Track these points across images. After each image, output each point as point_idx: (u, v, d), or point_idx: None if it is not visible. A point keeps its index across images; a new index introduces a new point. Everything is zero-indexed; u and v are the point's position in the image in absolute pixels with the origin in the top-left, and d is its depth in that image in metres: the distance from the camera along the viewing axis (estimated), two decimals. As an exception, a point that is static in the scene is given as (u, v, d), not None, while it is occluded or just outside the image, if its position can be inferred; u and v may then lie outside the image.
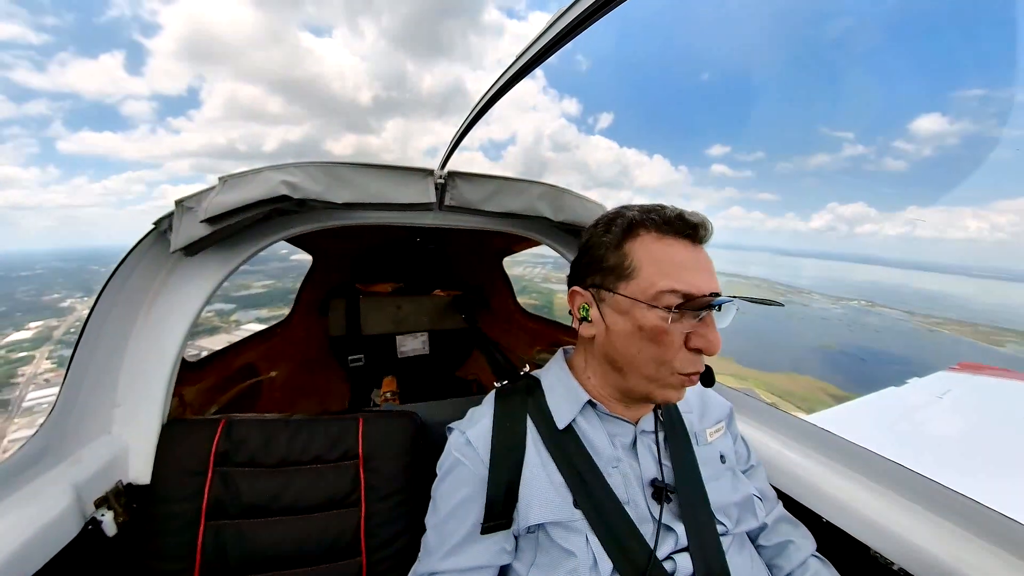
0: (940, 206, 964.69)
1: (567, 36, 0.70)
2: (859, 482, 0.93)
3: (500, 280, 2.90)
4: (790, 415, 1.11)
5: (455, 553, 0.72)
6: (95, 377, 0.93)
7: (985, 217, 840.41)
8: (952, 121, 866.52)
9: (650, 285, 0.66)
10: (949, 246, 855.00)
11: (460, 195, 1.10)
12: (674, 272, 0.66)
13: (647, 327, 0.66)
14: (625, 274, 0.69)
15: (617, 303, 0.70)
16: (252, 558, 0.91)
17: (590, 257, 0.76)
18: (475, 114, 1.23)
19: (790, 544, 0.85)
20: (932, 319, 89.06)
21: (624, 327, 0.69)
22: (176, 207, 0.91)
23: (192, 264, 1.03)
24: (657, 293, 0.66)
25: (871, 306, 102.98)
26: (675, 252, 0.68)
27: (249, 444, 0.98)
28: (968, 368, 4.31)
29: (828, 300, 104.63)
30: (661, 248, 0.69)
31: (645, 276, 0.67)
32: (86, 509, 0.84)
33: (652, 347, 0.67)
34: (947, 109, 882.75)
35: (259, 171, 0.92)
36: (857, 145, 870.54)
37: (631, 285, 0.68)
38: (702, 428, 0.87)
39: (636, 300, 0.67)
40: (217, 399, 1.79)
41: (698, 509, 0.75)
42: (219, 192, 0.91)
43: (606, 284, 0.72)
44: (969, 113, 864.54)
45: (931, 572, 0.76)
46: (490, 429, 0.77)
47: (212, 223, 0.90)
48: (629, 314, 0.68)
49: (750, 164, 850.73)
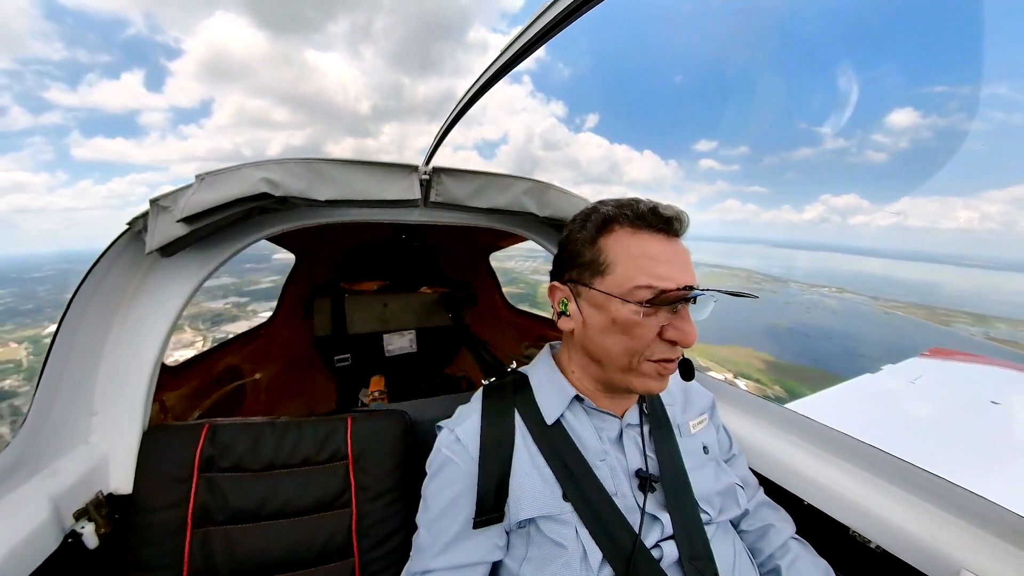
0: (922, 196, 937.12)
1: (543, 37, 0.71)
2: (838, 466, 0.96)
3: (487, 276, 2.89)
4: (771, 403, 1.15)
5: (448, 550, 0.72)
6: (70, 385, 0.89)
7: (976, 207, 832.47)
8: (924, 115, 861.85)
9: (625, 280, 0.68)
10: (943, 236, 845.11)
11: (445, 191, 1.08)
12: (647, 266, 0.67)
13: (620, 320, 0.68)
14: (600, 270, 0.70)
15: (593, 298, 0.72)
16: (242, 564, 0.89)
17: (568, 253, 0.77)
18: (459, 111, 1.22)
19: (771, 528, 0.88)
20: (893, 303, 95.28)
21: (599, 321, 0.71)
22: (151, 206, 0.88)
23: (169, 265, 1.00)
24: (631, 288, 0.67)
25: (840, 292, 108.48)
26: (649, 246, 0.69)
27: (235, 448, 0.96)
28: (939, 354, 4.51)
29: (800, 287, 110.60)
30: (635, 243, 0.69)
31: (620, 271, 0.68)
32: (65, 522, 0.81)
33: (625, 339, 0.69)
34: (919, 104, 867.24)
35: (238, 168, 0.90)
36: (838, 139, 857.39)
37: (606, 280, 0.70)
38: (685, 420, 0.89)
39: (611, 295, 0.68)
40: (200, 404, 1.75)
41: (682, 499, 0.77)
42: (196, 190, 0.87)
43: (583, 279, 0.73)
44: (936, 108, 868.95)
45: (907, 549, 0.79)
46: (479, 426, 0.77)
47: (189, 222, 0.87)
48: (604, 308, 0.70)
49: (736, 158, 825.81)
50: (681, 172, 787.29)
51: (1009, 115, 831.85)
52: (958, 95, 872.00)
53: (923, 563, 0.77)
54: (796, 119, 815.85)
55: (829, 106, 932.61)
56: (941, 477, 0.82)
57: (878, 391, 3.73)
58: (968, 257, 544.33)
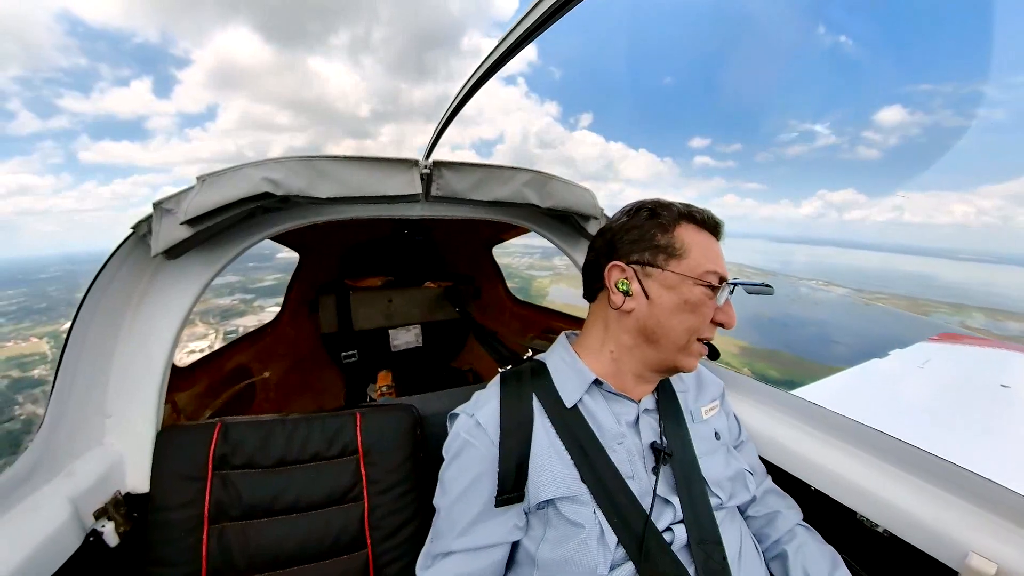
0: (918, 191, 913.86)
1: (538, 29, 0.73)
2: (845, 451, 0.97)
3: (490, 269, 2.89)
4: (780, 390, 1.15)
5: (468, 532, 0.73)
6: (83, 388, 0.91)
7: (972, 202, 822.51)
8: (912, 112, 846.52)
9: (697, 265, 0.77)
10: (941, 231, 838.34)
11: (446, 185, 1.08)
12: (713, 257, 0.78)
13: (692, 300, 0.76)
14: (677, 253, 0.78)
15: (666, 279, 0.77)
16: (259, 558, 0.91)
17: (634, 236, 0.81)
18: (458, 102, 1.21)
19: (778, 515, 0.90)
20: (876, 295, 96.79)
21: (669, 300, 0.77)
22: (154, 209, 0.88)
23: (175, 267, 1.01)
24: (703, 272, 0.76)
25: (826, 285, 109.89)
26: (710, 243, 0.81)
27: (247, 446, 0.98)
28: (947, 338, 4.47)
29: (789, 280, 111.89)
30: (702, 238, 0.80)
31: (694, 257, 0.77)
32: (85, 521, 0.84)
33: (691, 318, 0.77)
34: (907, 102, 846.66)
35: (239, 168, 0.89)
36: (830, 136, 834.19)
37: (681, 264, 0.77)
38: (697, 406, 0.91)
39: (685, 276, 0.76)
40: (210, 403, 1.77)
41: (693, 483, 0.79)
42: (199, 192, 0.88)
43: (655, 261, 0.78)
44: (922, 106, 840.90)
45: (915, 532, 0.80)
46: (498, 410, 0.79)
47: (193, 224, 0.88)
48: (676, 289, 0.77)
49: (731, 155, 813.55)
50: (677, 168, 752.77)
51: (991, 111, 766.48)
52: (940, 93, 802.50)
53: (931, 546, 0.78)
54: (787, 116, 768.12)
55: (819, 103, 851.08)
56: (948, 460, 0.82)
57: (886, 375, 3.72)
58: (963, 251, 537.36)
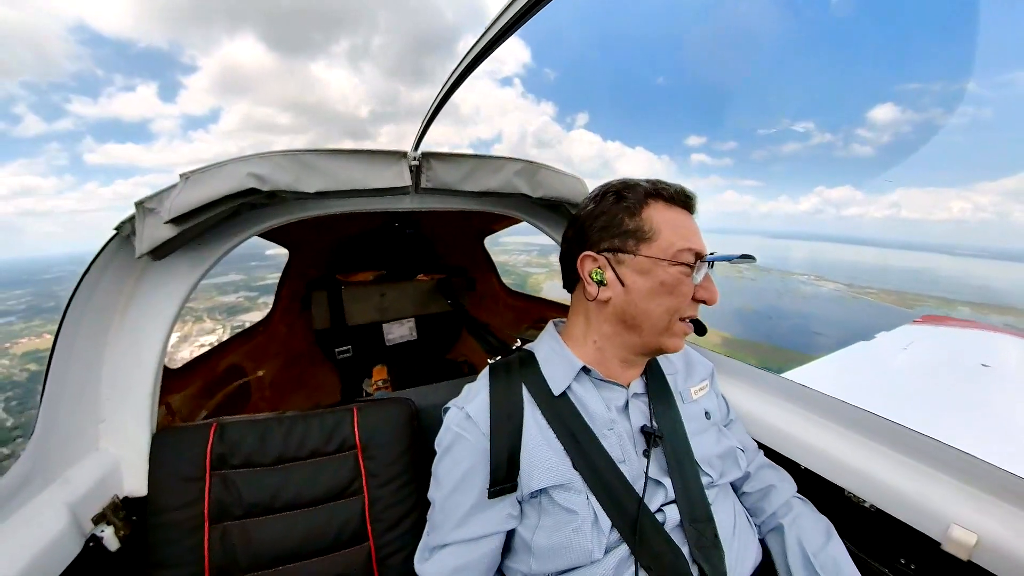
0: (916, 187, 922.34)
1: (521, 19, 0.73)
2: (832, 430, 0.99)
3: (483, 260, 2.88)
4: (769, 373, 1.17)
5: (463, 524, 0.75)
6: (74, 394, 0.90)
7: (969, 198, 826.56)
8: (903, 110, 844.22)
9: (669, 245, 0.75)
10: (941, 227, 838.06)
11: (436, 176, 1.06)
12: (685, 234, 0.76)
13: (668, 282, 0.74)
14: (646, 237, 0.76)
15: (638, 264, 0.76)
16: (261, 555, 0.92)
17: (602, 223, 0.79)
18: (444, 92, 1.20)
19: (772, 488, 0.92)
20: (865, 289, 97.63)
21: (644, 285, 0.75)
22: (136, 209, 0.86)
23: (162, 268, 0.99)
24: (676, 252, 0.74)
25: (817, 279, 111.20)
26: (682, 219, 0.78)
27: (244, 445, 0.98)
28: (931, 320, 4.58)
29: (781, 275, 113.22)
30: (672, 215, 0.77)
31: (664, 238, 0.75)
32: (84, 527, 0.83)
33: (669, 300, 0.75)
34: (898, 99, 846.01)
35: (223, 164, 0.87)
36: (825, 133, 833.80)
37: (652, 246, 0.75)
38: (686, 387, 0.92)
39: (658, 259, 0.74)
40: (205, 404, 1.76)
41: (684, 462, 0.80)
42: (182, 190, 0.85)
43: (626, 247, 0.76)
44: (912, 104, 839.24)
45: (900, 506, 0.83)
46: (487, 402, 0.79)
47: (178, 223, 0.86)
48: (650, 273, 0.75)
49: (727, 153, 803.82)
50: (674, 166, 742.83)
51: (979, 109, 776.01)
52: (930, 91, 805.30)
53: (915, 519, 0.81)
54: (781, 114, 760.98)
55: (813, 101, 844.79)
56: (930, 436, 0.84)
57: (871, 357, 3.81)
58: (960, 247, 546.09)
